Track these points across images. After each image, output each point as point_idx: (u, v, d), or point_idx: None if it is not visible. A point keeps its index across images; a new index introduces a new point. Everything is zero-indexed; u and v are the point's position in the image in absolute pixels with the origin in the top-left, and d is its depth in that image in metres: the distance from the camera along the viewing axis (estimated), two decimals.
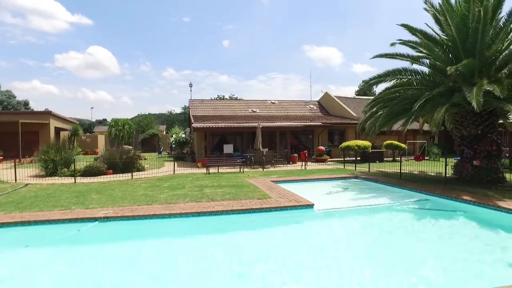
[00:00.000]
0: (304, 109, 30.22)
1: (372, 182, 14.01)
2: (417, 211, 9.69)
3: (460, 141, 13.18)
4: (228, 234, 7.71)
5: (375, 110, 14.95)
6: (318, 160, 22.73)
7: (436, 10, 13.02)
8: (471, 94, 9.87)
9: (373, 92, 49.99)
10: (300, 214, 8.82)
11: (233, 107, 29.58)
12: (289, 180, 14.14)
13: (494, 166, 12.20)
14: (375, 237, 7.63)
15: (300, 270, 5.57)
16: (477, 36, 11.38)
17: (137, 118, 65.72)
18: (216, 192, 10.88)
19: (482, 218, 8.49)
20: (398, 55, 13.92)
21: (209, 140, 23.06)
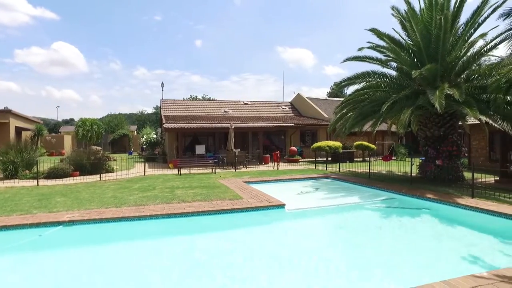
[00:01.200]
0: (276, 110, 30.46)
1: (342, 182, 14.33)
2: (385, 209, 10.02)
3: (425, 141, 13.76)
4: (200, 235, 7.63)
5: (345, 111, 15.32)
6: (290, 161, 22.98)
7: (402, 17, 13.56)
8: (434, 97, 10.32)
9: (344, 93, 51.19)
10: (271, 214, 8.87)
11: (206, 107, 29.32)
12: (261, 180, 14.20)
13: (455, 166, 12.86)
14: (345, 235, 7.83)
15: (271, 269, 5.59)
16: (439, 42, 11.93)
17: (106, 118, 63.74)
18: (188, 193, 10.74)
19: (443, 214, 8.92)
20: (367, 58, 14.36)
21: (181, 141, 22.70)
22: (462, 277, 4.42)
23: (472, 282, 4.23)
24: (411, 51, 13.53)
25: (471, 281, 4.26)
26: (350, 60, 14.70)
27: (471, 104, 10.75)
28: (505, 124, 10.73)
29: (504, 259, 5.82)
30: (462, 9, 12.29)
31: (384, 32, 13.84)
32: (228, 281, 5.16)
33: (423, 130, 13.73)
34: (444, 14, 11.68)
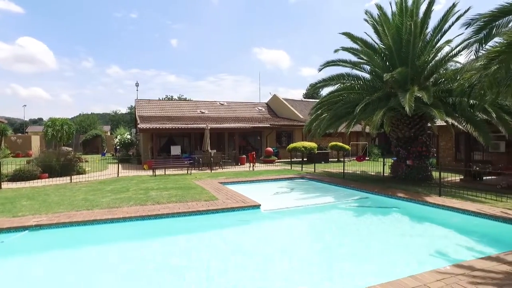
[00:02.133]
0: (253, 111, 30.52)
1: (317, 182, 14.54)
2: (358, 208, 10.25)
3: (396, 142, 14.21)
4: (174, 237, 7.52)
5: (320, 112, 15.58)
6: (266, 161, 23.09)
7: (375, 21, 13.95)
8: (405, 100, 10.68)
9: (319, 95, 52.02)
10: (247, 215, 8.88)
11: (181, 108, 28.95)
12: (237, 181, 14.17)
13: (424, 165, 13.36)
14: (319, 234, 7.96)
15: (247, 269, 5.59)
16: (409, 47, 12.36)
17: (78, 117, 61.61)
18: (162, 195, 10.56)
19: (413, 212, 9.24)
20: (341, 61, 14.65)
21: (155, 142, 22.29)
22: (429, 271, 4.60)
23: (437, 276, 4.42)
24: (383, 54, 13.94)
25: (437, 275, 4.45)
26: (325, 66, 14.98)
27: (438, 106, 11.22)
28: (468, 126, 11.24)
29: (466, 252, 6.15)
30: (429, 16, 12.82)
31: (357, 35, 14.26)
32: (203, 282, 5.11)
33: (394, 131, 14.17)
34: (414, 20, 12.13)
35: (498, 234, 7.23)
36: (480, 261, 5.03)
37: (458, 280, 4.31)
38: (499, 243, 6.37)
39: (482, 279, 4.36)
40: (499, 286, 4.19)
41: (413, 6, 13.00)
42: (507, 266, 4.80)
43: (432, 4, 12.75)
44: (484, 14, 7.26)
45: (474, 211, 8.21)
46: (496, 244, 6.34)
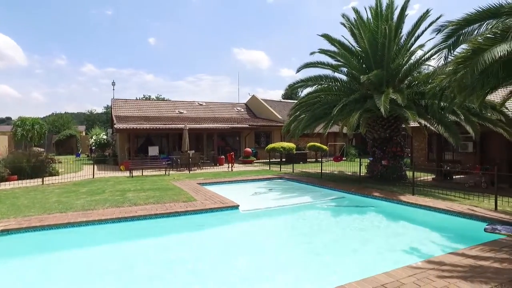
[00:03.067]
0: (231, 111, 30.47)
1: (295, 182, 14.69)
2: (335, 208, 10.44)
3: (372, 143, 14.56)
4: (152, 239, 7.39)
5: (298, 113, 15.75)
6: (245, 162, 23.11)
7: (352, 24, 14.25)
8: (380, 101, 10.97)
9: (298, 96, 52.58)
10: (225, 216, 8.87)
11: (159, 108, 28.53)
12: (215, 182, 14.12)
13: (399, 165, 13.76)
14: (297, 234, 8.04)
15: (226, 270, 5.59)
16: (384, 50, 12.71)
17: (51, 117, 59.46)
18: (139, 196, 10.38)
19: (388, 211, 9.51)
20: (319, 63, 14.87)
21: (133, 142, 21.87)
22: (401, 268, 4.77)
23: (409, 272, 4.58)
24: (360, 57, 14.26)
25: (409, 271, 4.60)
26: (304, 67, 15.13)
27: (412, 108, 11.60)
28: (439, 127, 11.69)
29: (436, 248, 6.40)
30: (403, 20, 13.23)
31: (335, 38, 14.49)
32: (182, 283, 5.07)
33: (371, 132, 14.51)
34: (389, 24, 12.48)
35: (465, 230, 7.57)
36: (448, 256, 5.25)
37: (428, 275, 4.49)
38: (465, 239, 6.65)
39: (450, 273, 4.56)
40: (464, 278, 4.40)
41: (387, 11, 13.39)
42: (472, 260, 5.04)
43: (405, 10, 13.17)
44: (452, 22, 7.59)
45: (444, 209, 8.55)
46: (463, 240, 6.62)
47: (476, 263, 4.93)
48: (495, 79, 7.34)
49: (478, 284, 4.21)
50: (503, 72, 7.03)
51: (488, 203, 8.85)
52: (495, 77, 7.16)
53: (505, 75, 7.26)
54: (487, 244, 5.81)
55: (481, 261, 4.99)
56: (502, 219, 7.42)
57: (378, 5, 13.54)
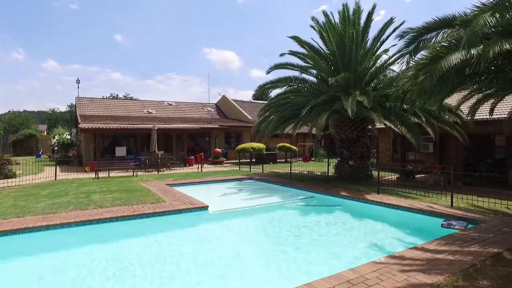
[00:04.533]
0: (202, 112, 30.23)
1: (265, 182, 14.82)
2: (304, 207, 10.65)
3: (340, 143, 14.97)
4: (119, 241, 7.21)
5: (268, 114, 15.90)
6: (215, 162, 23.01)
7: (321, 27, 14.58)
8: (347, 103, 11.30)
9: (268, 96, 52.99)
10: (194, 217, 8.80)
11: (127, 107, 27.75)
12: (184, 183, 13.97)
13: (365, 165, 14.24)
14: (266, 234, 8.14)
15: (195, 271, 5.55)
16: (352, 53, 13.12)
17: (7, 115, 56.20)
18: (106, 198, 10.05)
19: (354, 209, 9.83)
20: (289, 64, 15.08)
21: (99, 142, 21.11)
22: (366, 264, 4.96)
23: (373, 267, 4.77)
24: (328, 59, 14.62)
25: (373, 267, 4.80)
26: (273, 69, 15.28)
27: (377, 110, 12.04)
28: (403, 128, 12.23)
29: (399, 244, 6.73)
30: (369, 25, 13.72)
31: (305, 40, 14.75)
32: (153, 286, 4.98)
33: (338, 133, 14.91)
34: (356, 29, 12.90)
35: (424, 226, 7.99)
36: (409, 251, 5.53)
37: (391, 269, 4.70)
38: (425, 234, 7.02)
39: (410, 267, 4.81)
40: (422, 271, 4.66)
41: (354, 16, 13.83)
42: (429, 254, 5.35)
43: (372, 15, 13.66)
44: (413, 29, 8.01)
45: (406, 207, 8.97)
46: (423, 235, 6.98)
47: (433, 256, 5.23)
48: (451, 85, 7.82)
49: (434, 276, 4.48)
50: (457, 78, 7.50)
51: (445, 200, 9.37)
52: (450, 82, 7.62)
53: (459, 81, 7.77)
54: (443, 238, 6.17)
55: (438, 254, 5.30)
56: (456, 214, 7.93)
57: (346, 10, 13.95)
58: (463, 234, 6.48)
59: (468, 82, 8.25)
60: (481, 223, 7.24)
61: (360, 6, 13.84)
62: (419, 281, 4.31)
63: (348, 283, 4.26)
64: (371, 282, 4.29)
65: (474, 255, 5.26)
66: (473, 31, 5.36)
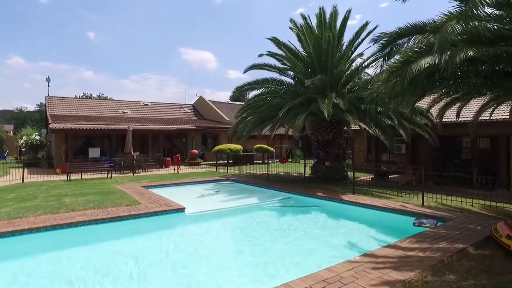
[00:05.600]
0: (178, 112, 29.89)
1: (242, 183, 14.83)
2: (281, 208, 10.74)
3: (316, 145, 15.20)
4: (92, 246, 6.98)
5: (245, 115, 15.93)
6: (192, 164, 22.79)
7: (299, 30, 14.76)
8: (323, 105, 11.51)
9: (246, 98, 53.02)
10: (171, 219, 8.69)
11: (101, 107, 27.02)
12: (161, 184, 13.77)
13: (341, 166, 14.53)
14: (244, 235, 8.13)
15: (172, 274, 5.48)
16: (328, 56, 13.37)
17: None
18: (78, 201, 9.73)
19: (330, 210, 10.00)
20: (267, 65, 15.20)
21: (71, 143, 20.42)
22: (341, 263, 5.06)
23: (348, 266, 4.88)
24: (305, 61, 14.82)
25: (348, 266, 4.91)
26: (251, 69, 15.37)
27: (353, 112, 12.33)
28: (377, 130, 12.58)
29: (373, 242, 6.90)
30: (345, 29, 14.06)
31: (283, 42, 14.88)
32: None
33: (315, 134, 15.13)
34: (332, 32, 13.17)
35: (397, 225, 8.24)
36: (382, 249, 5.70)
37: (365, 268, 4.83)
38: (398, 232, 7.24)
39: (383, 264, 4.96)
40: (394, 268, 4.82)
41: (331, 19, 14.11)
42: (402, 251, 5.54)
43: (347, 19, 14.00)
44: (387, 34, 8.28)
45: (380, 206, 9.23)
46: (396, 233, 7.20)
47: (405, 254, 5.42)
48: (421, 88, 8.13)
49: (405, 272, 4.64)
50: (427, 83, 7.81)
51: (417, 200, 9.72)
52: (421, 86, 7.93)
53: (429, 85, 8.09)
54: (415, 236, 6.40)
55: (409, 252, 5.50)
56: (427, 213, 8.25)
57: (322, 13, 14.23)
58: (433, 231, 6.75)
59: (437, 86, 8.59)
60: (449, 221, 7.57)
61: (337, 10, 14.12)
62: (392, 278, 4.45)
63: (324, 282, 4.33)
64: (346, 281, 4.39)
65: (442, 251, 5.50)
66: (444, 37, 5.60)
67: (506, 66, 7.23)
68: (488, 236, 6.14)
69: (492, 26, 6.88)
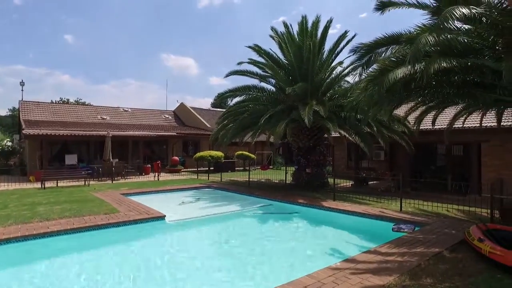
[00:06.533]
0: (159, 119, 29.55)
1: (223, 191, 14.75)
2: (262, 215, 10.72)
3: (297, 152, 15.33)
4: (68, 256, 6.71)
5: (227, 122, 15.91)
6: (172, 171, 22.52)
7: (280, 38, 14.96)
8: (304, 112, 11.66)
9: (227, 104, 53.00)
10: (151, 227, 8.53)
11: (79, 113, 26.36)
12: (140, 192, 13.53)
13: (321, 173, 14.70)
14: (225, 242, 8.08)
15: (153, 282, 5.37)
16: (309, 64, 13.60)
17: None
18: (53, 210, 9.40)
19: (311, 216, 10.09)
20: (248, 72, 15.30)
21: (46, 150, 19.76)
22: (322, 269, 5.11)
23: (329, 272, 4.93)
24: (286, 69, 15.00)
25: (329, 272, 4.96)
26: (232, 74, 15.45)
27: (333, 120, 12.55)
28: (357, 137, 12.84)
29: (354, 248, 6.98)
30: (326, 38, 14.36)
31: (264, 49, 15.04)
32: None
33: (296, 141, 15.27)
34: (313, 41, 13.42)
35: (377, 230, 8.39)
36: (363, 255, 5.80)
37: (345, 273, 4.89)
38: (377, 238, 7.37)
39: (363, 270, 5.04)
40: (374, 273, 4.91)
41: (312, 28, 14.38)
42: (381, 256, 5.65)
43: (328, 28, 14.29)
44: (365, 44, 8.54)
45: (360, 212, 9.39)
46: (375, 239, 7.32)
47: (384, 259, 5.53)
48: (399, 97, 8.40)
49: (385, 277, 4.74)
50: (404, 91, 8.08)
51: (395, 205, 9.95)
52: (398, 95, 8.20)
53: (406, 94, 8.36)
54: (394, 241, 6.55)
55: (388, 257, 5.61)
56: (405, 218, 8.47)
57: (304, 22, 14.48)
58: (411, 236, 6.92)
59: (414, 95, 8.89)
60: (426, 225, 7.79)
61: (319, 19, 14.42)
62: (371, 283, 4.53)
63: None
64: (327, 287, 4.43)
65: (420, 255, 5.64)
66: (417, 48, 5.83)
67: (476, 77, 7.58)
68: (462, 240, 6.36)
69: (462, 39, 7.23)
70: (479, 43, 7.23)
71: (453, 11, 5.65)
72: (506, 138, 12.31)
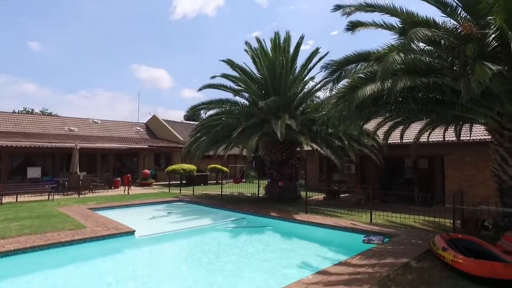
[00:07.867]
0: (130, 131, 28.88)
1: (195, 204, 14.52)
2: (235, 229, 10.61)
3: (270, 165, 15.43)
4: (27, 277, 6.27)
5: (200, 135, 15.82)
6: (143, 184, 21.95)
7: (253, 52, 15.20)
8: (277, 126, 11.80)
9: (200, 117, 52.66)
10: (119, 243, 8.21)
11: (44, 123, 25.26)
12: (109, 206, 13.03)
13: (294, 186, 14.84)
14: (197, 257, 7.91)
15: None
16: (282, 79, 13.87)
17: None
18: (10, 227, 8.79)
19: (283, 229, 10.09)
20: (221, 86, 15.37)
21: (5, 162, 18.71)
22: (294, 283, 5.10)
23: (302, 286, 4.94)
24: (259, 83, 15.21)
25: (301, 285, 4.97)
26: (206, 87, 15.47)
27: (305, 133, 12.79)
28: (328, 151, 13.12)
29: (326, 261, 7.03)
30: (298, 54, 14.77)
31: (237, 64, 15.20)
32: None
33: (269, 155, 15.38)
34: (285, 56, 13.74)
35: (348, 242, 8.53)
36: (334, 267, 5.86)
37: (317, 286, 4.92)
38: (349, 250, 7.49)
39: (335, 282, 5.09)
40: (345, 284, 4.99)
41: (285, 44, 14.75)
42: (352, 268, 5.75)
43: (301, 44, 14.72)
44: (336, 61, 8.88)
45: (332, 225, 9.52)
46: (347, 251, 7.44)
47: (355, 270, 5.62)
48: (368, 112, 8.74)
49: None
50: (373, 107, 8.42)
51: (366, 217, 10.18)
52: (367, 110, 8.54)
53: (374, 109, 8.72)
54: (364, 253, 6.68)
55: (359, 268, 5.71)
56: (374, 230, 8.68)
57: (277, 38, 14.84)
58: (381, 247, 7.09)
59: (382, 110, 9.27)
60: (395, 236, 8.02)
61: (291, 36, 14.84)
62: None
63: None
64: None
65: (389, 266, 5.79)
66: (386, 66, 6.13)
67: (437, 95, 8.05)
68: (428, 249, 6.60)
69: (425, 59, 7.69)
70: (439, 63, 7.74)
71: (417, 32, 6.04)
72: (465, 152, 13.06)
